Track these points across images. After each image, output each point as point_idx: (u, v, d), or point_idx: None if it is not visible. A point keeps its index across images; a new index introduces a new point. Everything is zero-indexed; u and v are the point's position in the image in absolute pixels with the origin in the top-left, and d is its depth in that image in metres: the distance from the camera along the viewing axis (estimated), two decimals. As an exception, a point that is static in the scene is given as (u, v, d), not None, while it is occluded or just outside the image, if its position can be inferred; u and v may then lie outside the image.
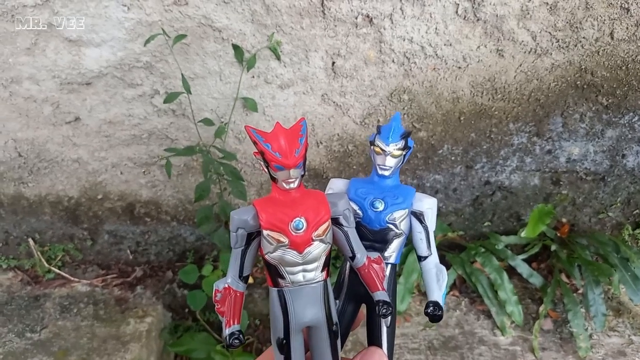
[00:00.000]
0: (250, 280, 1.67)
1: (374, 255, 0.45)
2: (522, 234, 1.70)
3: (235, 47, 1.31)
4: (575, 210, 1.77)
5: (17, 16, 1.24)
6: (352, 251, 0.43)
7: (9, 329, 1.48)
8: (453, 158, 1.60)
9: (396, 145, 0.47)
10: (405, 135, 0.48)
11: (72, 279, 1.69)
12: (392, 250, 0.48)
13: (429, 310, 0.45)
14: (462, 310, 1.66)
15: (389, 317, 0.45)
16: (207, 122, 1.34)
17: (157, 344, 1.53)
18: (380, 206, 0.47)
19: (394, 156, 0.48)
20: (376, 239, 0.48)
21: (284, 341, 0.42)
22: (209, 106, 1.44)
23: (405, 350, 1.50)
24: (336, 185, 0.51)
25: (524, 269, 1.67)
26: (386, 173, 0.48)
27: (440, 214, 1.74)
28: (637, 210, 1.79)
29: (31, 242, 1.70)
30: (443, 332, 1.57)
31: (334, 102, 1.45)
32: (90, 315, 1.54)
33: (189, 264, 1.64)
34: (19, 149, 1.52)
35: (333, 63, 1.38)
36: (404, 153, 0.48)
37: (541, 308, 1.59)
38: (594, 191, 1.72)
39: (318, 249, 0.41)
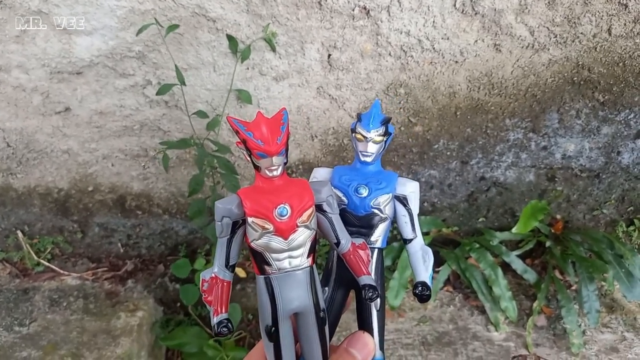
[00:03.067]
0: (243, 274, 1.65)
1: (359, 241, 0.46)
2: (514, 230, 1.70)
3: (230, 38, 1.28)
4: (570, 206, 1.77)
5: (5, 2, 1.21)
6: (337, 237, 0.44)
7: (-4, 323, 1.46)
8: (449, 153, 1.59)
9: (377, 131, 0.49)
10: (386, 122, 0.50)
11: (62, 272, 1.66)
12: (378, 235, 0.50)
13: (417, 291, 0.47)
14: (456, 305, 1.65)
15: (378, 301, 0.46)
16: (201, 114, 1.32)
17: (149, 338, 1.51)
18: (364, 192, 0.48)
19: (375, 142, 0.49)
20: (362, 224, 0.49)
21: (273, 329, 0.42)
22: (202, 97, 1.42)
23: (399, 345, 1.49)
24: (320, 173, 0.52)
25: (518, 265, 1.67)
26: (368, 159, 0.50)
27: (435, 209, 1.73)
28: (631, 208, 1.79)
29: (20, 234, 1.68)
30: (437, 328, 1.56)
31: (329, 95, 1.44)
32: (80, 309, 1.52)
33: (181, 257, 1.63)
34: (7, 139, 1.49)
35: (329, 55, 1.36)
36: (384, 139, 0.50)
37: (535, 304, 1.59)
38: (589, 188, 1.72)
39: (303, 235, 0.41)
